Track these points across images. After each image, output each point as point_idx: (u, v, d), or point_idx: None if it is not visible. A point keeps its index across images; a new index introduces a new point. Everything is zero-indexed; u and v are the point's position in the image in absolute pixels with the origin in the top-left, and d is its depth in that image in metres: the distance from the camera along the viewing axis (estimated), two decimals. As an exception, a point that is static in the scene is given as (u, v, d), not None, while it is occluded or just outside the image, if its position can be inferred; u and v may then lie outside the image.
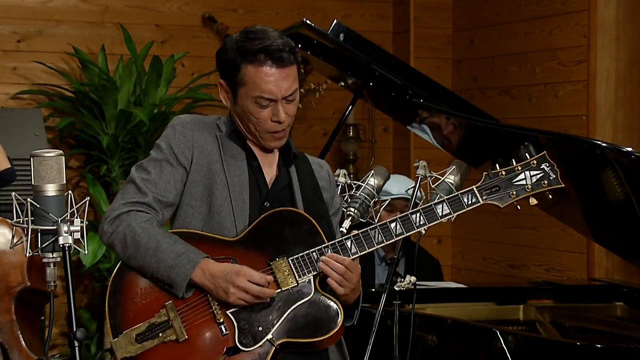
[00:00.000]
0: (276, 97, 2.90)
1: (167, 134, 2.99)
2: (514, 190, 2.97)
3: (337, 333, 2.87)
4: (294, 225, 2.93)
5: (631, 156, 3.47)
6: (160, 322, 2.89)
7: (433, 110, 4.09)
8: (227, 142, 3.00)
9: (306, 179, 3.05)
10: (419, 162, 3.46)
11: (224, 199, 2.94)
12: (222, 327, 2.87)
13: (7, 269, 3.63)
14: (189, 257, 2.85)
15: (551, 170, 2.97)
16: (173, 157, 2.95)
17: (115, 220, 2.92)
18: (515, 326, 4.00)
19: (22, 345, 3.61)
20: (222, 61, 2.97)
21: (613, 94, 5.30)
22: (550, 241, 5.61)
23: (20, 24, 5.72)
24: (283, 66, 2.89)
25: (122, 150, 5.65)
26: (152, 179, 2.94)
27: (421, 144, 5.20)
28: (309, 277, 2.88)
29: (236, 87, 2.93)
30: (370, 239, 2.90)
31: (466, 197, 2.95)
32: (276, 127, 2.94)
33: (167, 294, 2.90)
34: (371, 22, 6.43)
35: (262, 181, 3.00)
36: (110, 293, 2.98)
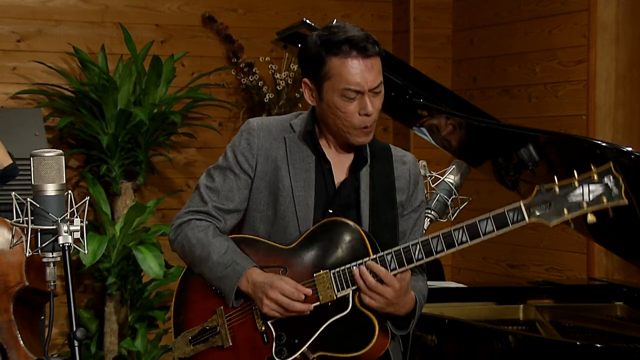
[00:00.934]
0: (363, 89, 2.87)
1: (234, 140, 3.01)
2: (567, 207, 2.69)
3: (372, 349, 2.84)
4: (343, 236, 2.89)
5: (631, 156, 3.47)
6: (210, 327, 2.95)
7: (433, 110, 4.09)
8: (297, 144, 2.98)
9: (379, 181, 2.99)
10: (419, 161, 3.46)
11: (287, 204, 2.94)
12: (264, 336, 2.90)
13: (6, 268, 3.63)
14: (235, 268, 2.89)
15: (615, 184, 2.65)
16: (236, 165, 2.97)
17: (177, 229, 3.02)
18: (515, 326, 4.00)
19: (20, 345, 3.61)
20: (305, 58, 2.94)
21: (613, 94, 5.30)
22: (550, 241, 5.61)
23: (20, 24, 5.72)
24: (368, 56, 2.87)
25: (122, 150, 5.65)
26: (215, 187, 2.99)
27: (421, 143, 5.19)
28: (348, 291, 2.85)
29: (321, 82, 2.90)
30: (411, 255, 2.82)
31: (512, 214, 2.77)
32: (364, 122, 2.89)
33: (219, 299, 2.94)
34: (371, 21, 6.43)
35: (330, 185, 2.97)
36: (177, 293, 3.03)
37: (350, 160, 3.00)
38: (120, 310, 5.61)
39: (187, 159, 6.06)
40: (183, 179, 6.05)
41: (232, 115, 6.10)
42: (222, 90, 6.08)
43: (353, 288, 2.84)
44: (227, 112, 6.07)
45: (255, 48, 6.08)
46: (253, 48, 6.08)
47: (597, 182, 2.66)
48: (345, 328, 2.85)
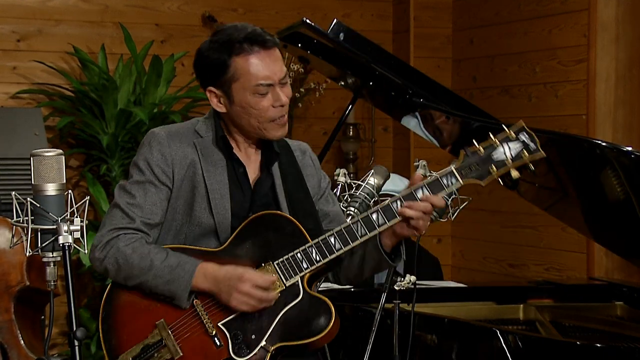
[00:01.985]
0: (273, 81, 2.89)
1: (144, 153, 2.96)
2: (494, 166, 2.82)
3: (331, 330, 2.85)
4: (278, 228, 2.91)
5: (631, 155, 3.47)
6: (154, 342, 2.88)
7: (433, 109, 4.09)
8: (209, 148, 2.97)
9: (290, 172, 3.02)
10: (419, 161, 3.46)
11: (204, 209, 2.92)
12: (216, 339, 2.86)
13: (7, 268, 3.63)
14: (184, 267, 2.85)
15: (531, 140, 2.83)
16: (155, 177, 2.93)
17: (105, 246, 2.92)
18: (515, 326, 4.00)
19: (21, 345, 3.61)
20: (205, 66, 2.95)
21: (613, 93, 5.30)
22: (550, 240, 5.61)
23: (20, 24, 5.72)
24: (269, 48, 2.89)
25: (122, 149, 5.65)
26: (138, 203, 2.92)
27: (421, 143, 5.20)
28: (296, 278, 2.86)
29: (229, 86, 2.91)
30: (354, 233, 2.85)
31: (445, 179, 2.84)
32: (280, 112, 2.91)
33: (158, 312, 2.88)
34: (371, 21, 6.43)
35: (246, 187, 2.98)
36: (103, 319, 2.94)
37: (259, 159, 3.01)
38: (120, 310, 5.60)
39: (187, 159, 6.06)
40: (183, 179, 6.05)
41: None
42: (222, 90, 6.07)
43: (301, 274, 2.86)
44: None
45: (255, 48, 6.07)
46: (253, 48, 6.07)
47: (515, 139, 2.83)
48: (300, 315, 2.85)
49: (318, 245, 2.86)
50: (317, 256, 2.86)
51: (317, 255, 2.86)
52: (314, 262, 2.87)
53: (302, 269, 2.86)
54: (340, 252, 2.86)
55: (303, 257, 2.86)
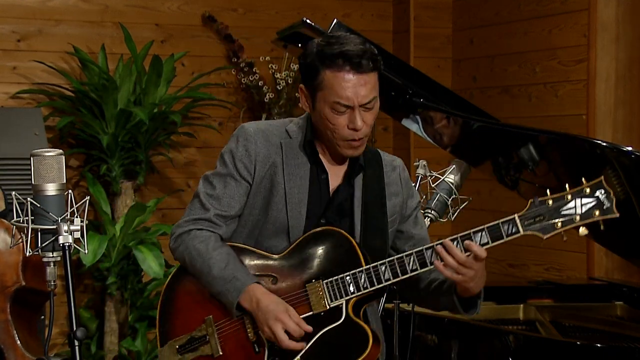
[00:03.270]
0: (353, 104, 2.86)
1: (231, 146, 3.01)
2: (560, 221, 2.75)
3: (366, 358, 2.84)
4: (336, 246, 2.91)
5: (631, 155, 3.47)
6: (199, 336, 2.94)
7: (433, 109, 4.09)
8: (294, 149, 2.98)
9: (372, 187, 3.01)
10: (419, 161, 3.46)
11: (280, 210, 2.94)
12: (255, 345, 2.89)
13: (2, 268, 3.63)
14: (235, 284, 2.89)
15: (606, 198, 2.72)
16: (236, 171, 2.97)
17: (177, 239, 3.01)
18: (515, 325, 4.00)
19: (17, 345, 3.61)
20: (303, 65, 2.95)
21: (613, 93, 5.30)
22: (550, 240, 5.59)
23: (20, 24, 5.72)
24: (361, 72, 2.86)
25: (122, 149, 5.65)
26: (216, 194, 2.98)
27: (421, 143, 5.19)
28: (341, 301, 2.87)
29: (315, 92, 2.91)
30: (405, 266, 2.85)
31: (506, 226, 2.80)
32: (353, 135, 2.89)
33: (209, 308, 2.94)
34: (371, 21, 6.43)
35: (325, 194, 2.99)
36: (162, 302, 3.02)
37: (345, 168, 3.01)
38: (121, 310, 5.61)
39: (187, 159, 6.06)
40: (183, 179, 6.05)
41: (232, 115, 6.10)
42: (222, 89, 6.08)
43: (346, 298, 2.86)
44: (227, 111, 6.07)
45: (255, 48, 6.08)
46: (253, 48, 6.08)
47: (589, 195, 2.72)
48: (338, 338, 2.86)
49: (368, 272, 2.86)
50: (365, 283, 2.86)
51: (365, 282, 2.86)
52: (360, 289, 2.87)
53: (348, 293, 2.86)
54: (387, 283, 2.86)
55: (352, 280, 2.86)
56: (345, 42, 2.87)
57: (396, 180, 3.06)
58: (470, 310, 2.94)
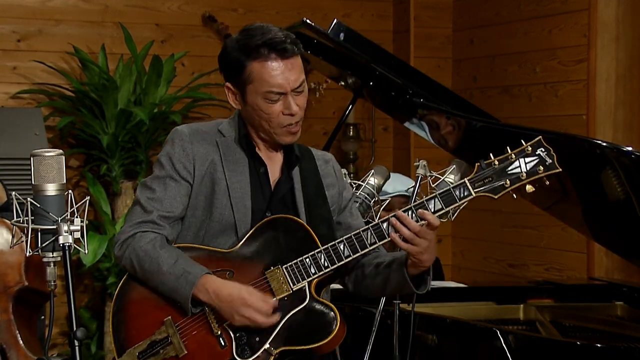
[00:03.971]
0: (285, 90, 2.89)
1: (166, 149, 3.00)
2: (508, 180, 2.82)
3: (335, 337, 2.86)
4: (289, 232, 2.92)
5: (631, 155, 3.47)
6: (160, 339, 2.90)
7: (433, 109, 4.09)
8: (231, 147, 2.99)
9: (309, 178, 3.03)
10: (419, 161, 3.46)
11: (224, 207, 2.94)
12: (221, 339, 2.87)
13: (5, 268, 3.63)
14: (187, 278, 2.86)
15: (547, 155, 2.83)
16: (175, 172, 2.96)
17: (122, 244, 2.95)
18: (515, 326, 4.00)
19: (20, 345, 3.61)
20: (226, 63, 2.96)
21: (613, 93, 5.30)
22: (550, 240, 5.61)
23: (20, 24, 5.72)
24: (287, 57, 2.89)
25: (122, 149, 5.65)
26: (157, 197, 2.95)
27: (421, 143, 5.19)
28: (304, 283, 2.87)
29: (244, 86, 2.93)
30: (363, 241, 2.86)
31: (458, 191, 2.83)
32: (289, 120, 2.92)
33: (166, 310, 2.90)
34: (371, 21, 6.43)
35: (266, 187, 2.99)
36: (114, 313, 2.97)
37: (281, 161, 3.03)
38: (121, 310, 5.60)
39: (187, 159, 6.06)
40: (183, 179, 6.05)
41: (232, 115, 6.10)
42: (223, 90, 6.05)
43: (309, 279, 2.87)
44: (228, 111, 6.06)
45: (255, 48, 6.07)
46: (253, 48, 6.07)
47: (531, 154, 2.83)
48: (305, 320, 2.87)
49: (327, 252, 2.87)
50: (326, 262, 2.87)
51: (325, 261, 2.87)
52: (322, 268, 2.87)
53: (309, 275, 2.87)
54: (348, 259, 2.87)
55: (312, 262, 2.87)
56: (265, 30, 2.90)
57: (330, 172, 3.09)
58: (420, 287, 2.93)
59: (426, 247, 2.82)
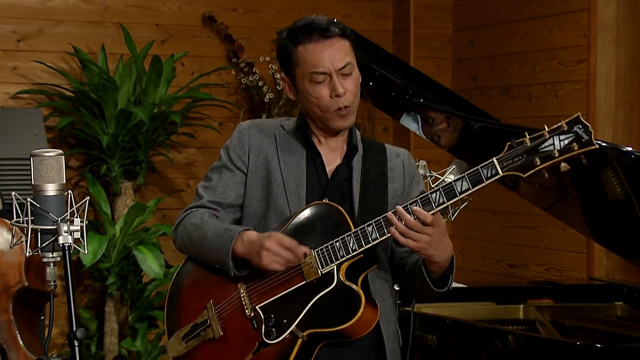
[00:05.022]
0: (329, 70, 2.91)
1: (227, 142, 3.10)
2: (538, 158, 2.69)
3: (361, 319, 2.86)
4: (325, 217, 2.94)
5: (631, 156, 3.47)
6: (201, 322, 2.99)
7: (433, 110, 4.09)
8: (288, 139, 3.04)
9: (372, 169, 3.04)
10: (419, 161, 3.46)
11: (280, 196, 2.98)
12: (254, 322, 2.92)
13: (5, 268, 3.63)
14: (228, 234, 2.93)
15: (584, 131, 2.68)
16: (230, 162, 3.05)
17: (177, 227, 3.08)
18: (515, 326, 4.00)
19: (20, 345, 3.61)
20: (278, 54, 3.03)
21: (613, 93, 5.30)
22: (550, 241, 5.61)
23: (20, 24, 5.72)
24: (329, 37, 2.94)
25: (122, 149, 5.65)
26: (212, 185, 3.06)
27: (421, 143, 5.19)
28: (332, 266, 2.89)
29: (293, 73, 2.97)
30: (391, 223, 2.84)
31: (486, 170, 2.76)
32: (338, 103, 2.92)
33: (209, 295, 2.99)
34: (371, 21, 6.43)
35: (323, 176, 3.02)
36: (168, 298, 3.10)
37: (340, 149, 3.05)
38: (121, 310, 5.61)
39: (187, 159, 6.06)
40: (183, 179, 6.05)
41: (232, 115, 6.10)
42: (222, 90, 6.08)
43: (337, 263, 2.88)
44: (227, 112, 6.07)
45: (255, 48, 6.08)
46: (253, 48, 6.08)
47: (567, 131, 2.68)
48: (332, 303, 2.88)
49: (356, 235, 2.87)
50: (354, 245, 2.87)
51: (354, 244, 2.87)
52: (349, 251, 2.87)
53: (338, 257, 2.88)
54: (376, 241, 2.86)
55: (341, 245, 2.88)
56: (311, 17, 3.00)
57: (399, 166, 3.10)
58: (439, 286, 2.93)
59: (429, 242, 2.81)
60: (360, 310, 2.85)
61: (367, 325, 2.90)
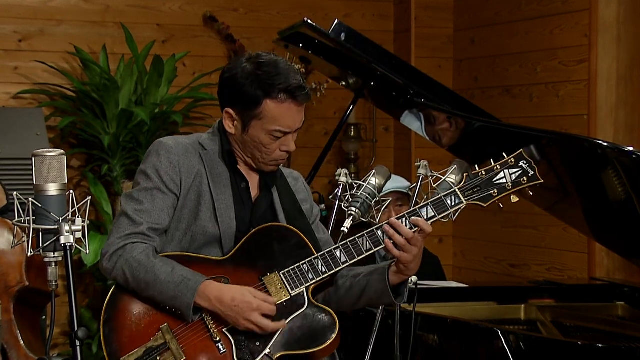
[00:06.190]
0: (291, 130, 2.96)
1: (152, 161, 2.99)
2: (495, 190, 2.97)
3: (334, 342, 2.89)
4: (283, 239, 2.95)
5: (632, 156, 3.47)
6: (157, 346, 2.88)
7: (434, 109, 4.09)
8: (213, 161, 3.01)
9: (285, 194, 3.09)
10: (420, 161, 3.46)
11: (209, 219, 2.95)
12: (220, 345, 2.87)
13: (6, 268, 3.63)
14: (188, 285, 2.85)
15: (529, 167, 2.96)
16: (163, 184, 2.95)
17: (112, 256, 2.93)
18: (517, 326, 4.00)
19: (20, 345, 3.61)
20: (237, 93, 2.95)
21: (614, 93, 5.30)
22: (551, 241, 5.61)
23: (21, 24, 5.72)
24: (302, 103, 2.96)
25: (124, 149, 5.65)
26: (145, 209, 2.94)
27: (422, 143, 5.20)
28: (302, 289, 2.91)
29: (250, 119, 2.95)
30: (359, 247, 2.91)
31: (449, 199, 2.95)
32: (283, 156, 3.00)
33: (162, 317, 2.90)
34: (372, 21, 6.43)
35: (247, 201, 3.02)
36: (105, 321, 2.94)
37: (258, 178, 3.06)
38: (122, 310, 5.61)
39: (189, 159, 6.06)
40: (184, 179, 6.05)
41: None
42: (224, 90, 6.08)
43: (307, 285, 2.90)
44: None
45: (256, 48, 6.07)
46: (254, 48, 6.07)
47: (514, 166, 2.97)
48: (304, 325, 2.89)
49: (324, 258, 2.92)
50: (323, 268, 2.91)
51: (322, 267, 2.91)
52: (319, 274, 2.91)
53: (307, 280, 2.91)
54: (345, 265, 2.92)
55: (309, 268, 2.91)
56: (283, 72, 2.93)
57: (302, 188, 3.16)
58: (398, 298, 2.98)
59: (415, 255, 2.90)
60: (335, 333, 2.87)
61: (333, 348, 2.92)
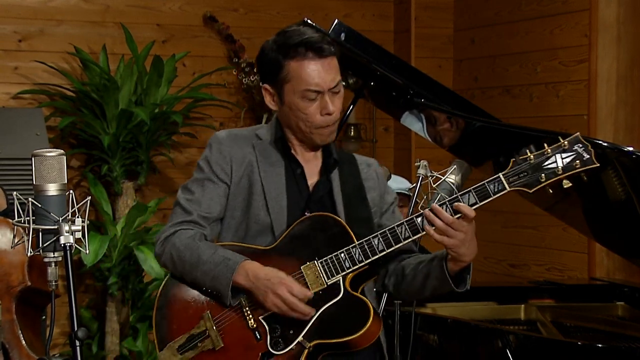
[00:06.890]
0: (322, 89, 2.94)
1: (205, 153, 3.06)
2: (543, 174, 2.80)
3: (369, 331, 2.87)
4: (326, 229, 2.95)
5: (632, 156, 3.47)
6: (198, 333, 2.96)
7: (434, 110, 4.09)
8: (267, 150, 3.04)
9: (349, 181, 3.07)
10: (420, 161, 3.46)
11: (261, 207, 2.98)
12: (256, 333, 2.92)
13: (8, 268, 3.63)
14: (227, 264, 2.91)
15: (585, 150, 2.80)
16: (213, 174, 3.02)
17: (163, 242, 3.02)
18: (516, 326, 4.01)
19: (22, 345, 3.61)
20: (263, 64, 3.03)
21: (614, 93, 5.30)
22: (551, 241, 5.61)
23: (21, 24, 5.72)
24: (324, 56, 2.94)
25: (123, 149, 5.65)
26: (196, 199, 3.02)
27: (422, 143, 5.19)
28: (338, 277, 2.90)
29: (281, 86, 2.97)
30: (397, 235, 2.88)
31: (492, 185, 2.83)
32: (326, 121, 2.97)
33: (205, 305, 2.97)
34: (372, 21, 6.43)
35: (303, 188, 3.03)
36: (157, 309, 3.04)
37: (320, 164, 3.07)
38: (122, 310, 5.61)
39: (189, 159, 6.06)
40: (184, 179, 6.01)
41: (233, 115, 6.11)
42: (223, 90, 6.08)
43: (343, 274, 2.90)
44: (228, 112, 6.07)
45: (256, 48, 5.97)
46: (254, 48, 6.02)
47: (568, 149, 2.81)
48: (339, 313, 2.89)
49: (362, 246, 2.90)
50: (360, 257, 2.90)
51: (360, 255, 2.90)
52: (356, 263, 2.90)
53: (344, 269, 2.90)
54: (382, 253, 2.90)
55: (346, 257, 2.90)
56: (302, 31, 2.96)
57: (372, 175, 3.13)
58: (460, 286, 2.96)
59: (462, 240, 2.85)
60: (369, 322, 2.87)
61: (371, 337, 2.91)
